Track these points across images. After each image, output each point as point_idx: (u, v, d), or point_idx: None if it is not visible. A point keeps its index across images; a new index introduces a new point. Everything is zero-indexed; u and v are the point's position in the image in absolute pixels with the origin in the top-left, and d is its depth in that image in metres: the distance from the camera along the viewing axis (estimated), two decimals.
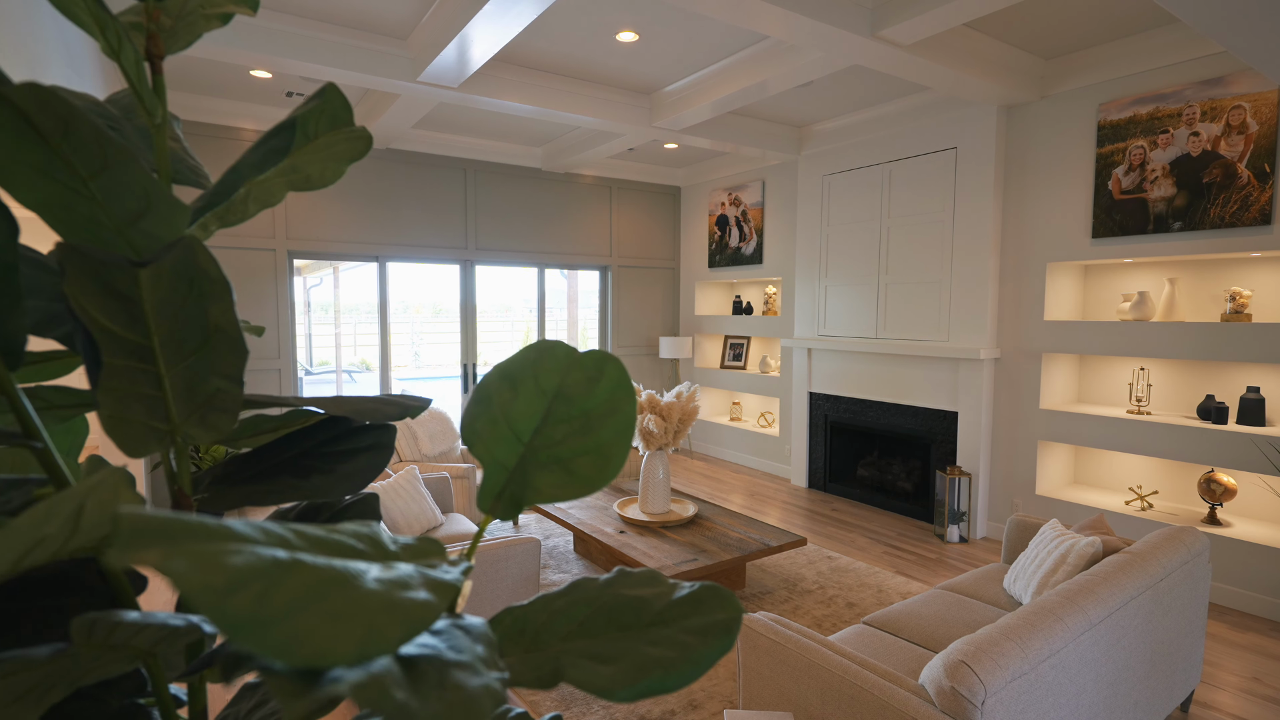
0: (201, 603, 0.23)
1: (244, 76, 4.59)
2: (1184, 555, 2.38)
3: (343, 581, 0.28)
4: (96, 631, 0.42)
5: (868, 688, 1.70)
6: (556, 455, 0.45)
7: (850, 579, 3.95)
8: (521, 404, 0.46)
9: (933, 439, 5.02)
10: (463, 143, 6.16)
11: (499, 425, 0.46)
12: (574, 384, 0.47)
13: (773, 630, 1.98)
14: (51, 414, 0.61)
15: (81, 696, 0.53)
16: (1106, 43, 3.96)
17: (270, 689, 0.27)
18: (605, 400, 0.46)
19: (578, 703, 2.68)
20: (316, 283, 13.36)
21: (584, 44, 4.10)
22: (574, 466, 0.45)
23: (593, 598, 0.49)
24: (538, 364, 0.47)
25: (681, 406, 3.94)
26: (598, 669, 0.43)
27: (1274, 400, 3.73)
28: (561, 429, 0.46)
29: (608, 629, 0.47)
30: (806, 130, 5.86)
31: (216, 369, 0.53)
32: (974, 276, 4.68)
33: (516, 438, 0.46)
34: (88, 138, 0.47)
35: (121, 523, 0.24)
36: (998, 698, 1.56)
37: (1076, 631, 1.83)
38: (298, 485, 0.64)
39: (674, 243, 7.81)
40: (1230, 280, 3.88)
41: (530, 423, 0.46)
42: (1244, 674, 2.99)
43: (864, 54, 3.58)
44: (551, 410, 0.46)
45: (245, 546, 0.26)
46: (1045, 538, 2.63)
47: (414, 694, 0.28)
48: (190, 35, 0.58)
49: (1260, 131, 3.45)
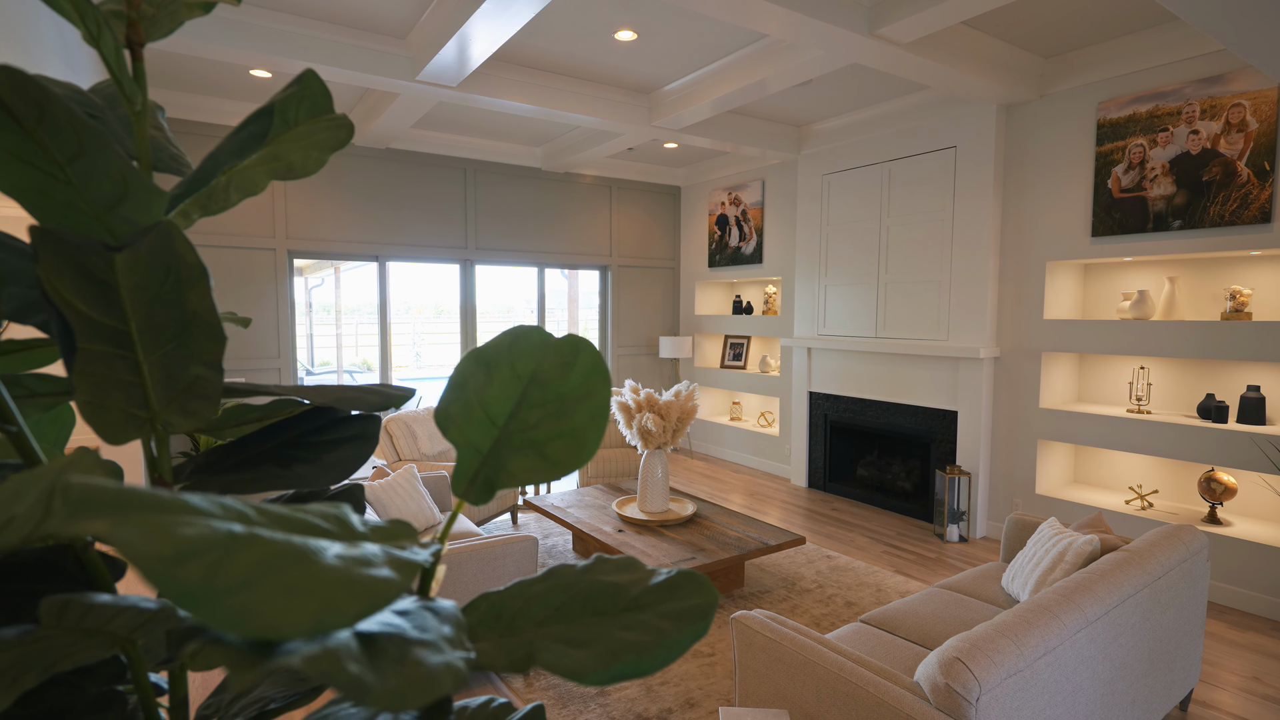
0: (149, 572, 0.23)
1: (244, 77, 4.60)
2: (1182, 553, 2.37)
3: (300, 556, 0.28)
4: (68, 614, 0.42)
5: (863, 685, 1.70)
6: (530, 439, 0.45)
7: (849, 578, 3.94)
8: (496, 388, 0.46)
9: (932, 438, 5.02)
10: (462, 142, 6.17)
11: (473, 409, 0.46)
12: (549, 369, 0.47)
13: (768, 628, 1.98)
14: (34, 402, 0.61)
15: (59, 683, 0.53)
16: (1106, 41, 3.96)
17: (219, 660, 0.27)
18: (580, 385, 0.46)
19: (575, 700, 2.67)
20: (318, 283, 13.38)
21: (583, 43, 4.10)
22: (548, 450, 0.44)
23: (570, 584, 0.49)
24: (513, 349, 0.47)
25: (680, 405, 3.93)
26: (570, 653, 0.43)
27: (1274, 399, 3.72)
28: (536, 413, 0.46)
29: (583, 614, 0.47)
30: (806, 129, 5.85)
31: (196, 355, 0.53)
32: (973, 275, 4.67)
33: (491, 422, 0.45)
34: (63, 122, 0.47)
35: (70, 491, 0.24)
36: (992, 694, 1.56)
37: (1073, 629, 1.82)
38: (281, 474, 0.64)
39: (674, 242, 7.81)
40: (1230, 279, 3.87)
41: (505, 407, 0.46)
42: (1244, 673, 2.98)
43: (862, 52, 3.58)
44: (526, 395, 0.46)
45: (200, 519, 0.26)
46: (1043, 536, 2.62)
47: (370, 668, 0.27)
48: (171, 23, 0.58)
49: (1260, 129, 3.44)
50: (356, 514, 0.45)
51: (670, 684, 2.79)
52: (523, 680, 2.83)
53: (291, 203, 5.56)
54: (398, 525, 0.41)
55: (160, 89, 4.87)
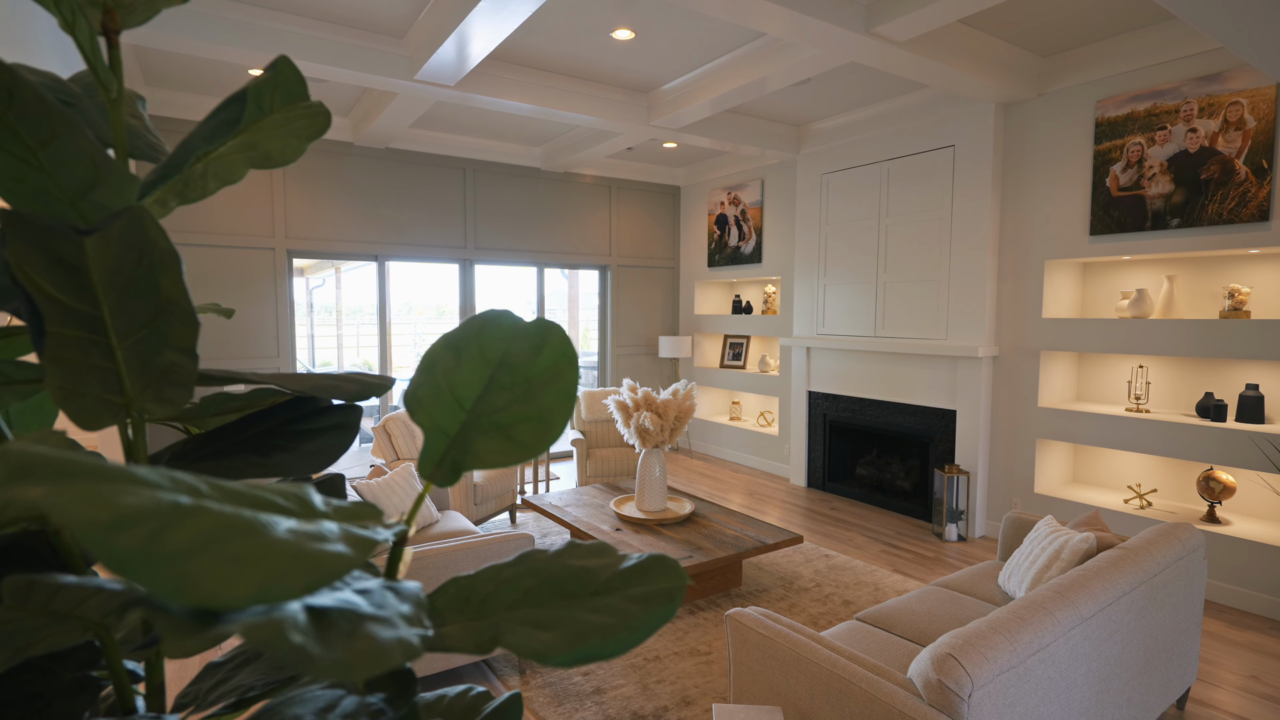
0: (86, 538, 0.23)
1: (244, 77, 4.61)
2: (1179, 551, 2.37)
3: (247, 528, 0.28)
4: (35, 595, 0.42)
5: (856, 681, 1.69)
6: (498, 422, 0.45)
7: (847, 577, 3.94)
8: (465, 372, 0.46)
9: (931, 438, 5.01)
10: (462, 142, 6.18)
11: (441, 392, 0.46)
12: (518, 352, 0.47)
13: (763, 625, 1.98)
14: (10, 390, 0.61)
15: (31, 668, 0.53)
16: (1104, 39, 3.95)
17: (159, 627, 0.27)
18: (548, 368, 0.46)
19: (571, 699, 2.67)
20: (319, 284, 13.39)
21: (580, 42, 4.11)
22: (515, 433, 0.45)
23: (540, 568, 0.49)
24: (482, 333, 0.47)
25: (678, 404, 3.93)
26: (536, 635, 0.43)
27: (1273, 397, 3.71)
28: (504, 396, 0.46)
29: (553, 598, 0.47)
30: (805, 129, 5.85)
31: (170, 341, 0.53)
32: (972, 274, 4.67)
33: (459, 405, 0.45)
34: (33, 107, 0.47)
35: (8, 457, 0.24)
36: (985, 690, 1.56)
37: (1067, 626, 1.82)
38: (259, 463, 0.64)
39: (674, 242, 7.81)
40: (1229, 277, 3.86)
41: (473, 390, 0.46)
42: (1242, 672, 2.97)
43: (859, 51, 3.57)
44: (494, 378, 0.46)
45: (144, 490, 0.26)
46: (1039, 534, 2.62)
47: (316, 640, 0.27)
48: (149, 11, 0.58)
49: (1258, 127, 3.43)
50: (325, 495, 0.45)
51: (667, 682, 2.79)
52: (519, 678, 2.83)
53: (291, 202, 5.56)
54: (362, 506, 0.41)
55: (161, 88, 4.88)
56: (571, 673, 2.86)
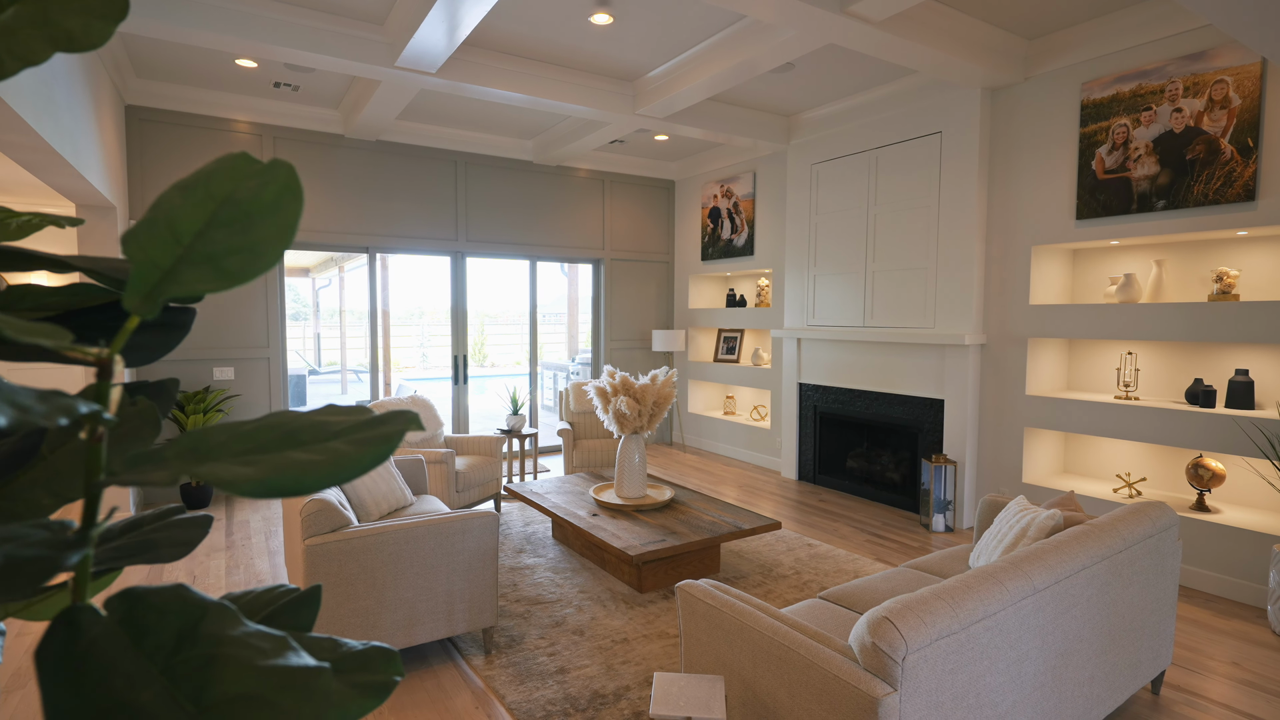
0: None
1: (231, 66, 4.64)
2: (1148, 528, 2.31)
3: None
4: None
5: (795, 648, 1.66)
6: (209, 254, 0.43)
7: (827, 565, 3.89)
8: (188, 208, 0.45)
9: (920, 428, 4.95)
10: (452, 135, 6.19)
11: (158, 227, 0.44)
12: (245, 190, 0.45)
13: (710, 595, 1.95)
14: None
15: None
16: (1088, 20, 3.90)
17: None
18: (271, 202, 0.44)
19: (533, 678, 2.65)
20: (325, 284, 13.47)
21: (558, 27, 4.10)
22: (224, 264, 0.43)
23: (284, 423, 0.47)
24: (213, 174, 0.46)
25: (656, 390, 3.91)
26: (234, 468, 0.41)
27: (1262, 383, 3.64)
28: (223, 232, 0.44)
29: (284, 447, 0.45)
30: (795, 119, 5.82)
31: None
32: (960, 261, 4.61)
33: (176, 240, 0.44)
34: None
35: None
36: (921, 654, 1.52)
37: (1017, 595, 1.77)
38: None
39: (668, 236, 7.79)
40: (1217, 260, 3.79)
41: (193, 225, 0.44)
42: (1224, 659, 2.89)
43: (836, 30, 3.54)
44: (216, 215, 0.44)
45: None
46: (1009, 513, 2.57)
47: None
48: None
49: (1243, 105, 3.37)
50: None
51: (632, 663, 2.76)
52: (484, 658, 2.81)
53: None
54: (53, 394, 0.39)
55: (149, 80, 4.93)
56: (536, 653, 2.84)
